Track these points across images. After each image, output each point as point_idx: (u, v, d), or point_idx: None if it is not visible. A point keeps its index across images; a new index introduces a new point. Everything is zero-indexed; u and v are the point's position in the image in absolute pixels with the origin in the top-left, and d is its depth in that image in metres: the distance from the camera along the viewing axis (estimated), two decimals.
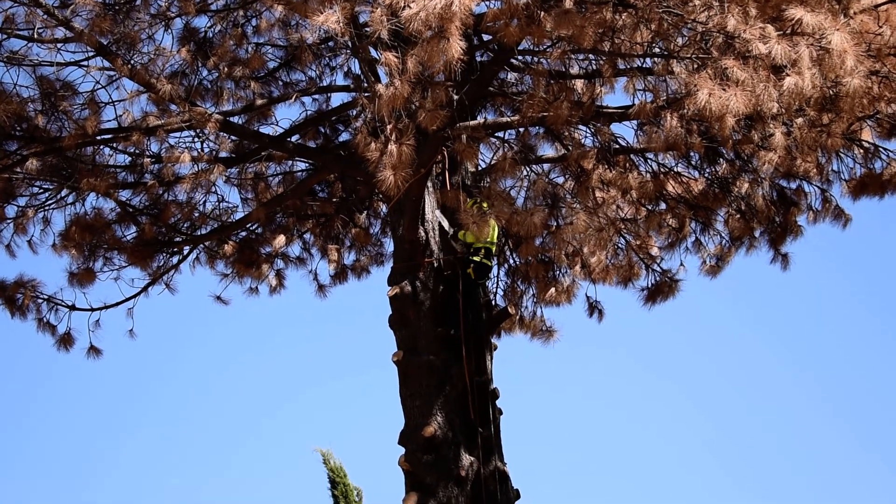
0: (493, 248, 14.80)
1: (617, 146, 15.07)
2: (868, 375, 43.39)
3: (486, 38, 14.97)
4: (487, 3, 12.97)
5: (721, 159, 15.65)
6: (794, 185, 15.90)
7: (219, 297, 19.21)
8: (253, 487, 42.64)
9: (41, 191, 16.24)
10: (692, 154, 15.35)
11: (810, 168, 14.77)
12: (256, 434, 45.93)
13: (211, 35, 15.68)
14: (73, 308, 17.11)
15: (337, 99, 17.44)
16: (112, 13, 14.02)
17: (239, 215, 17.86)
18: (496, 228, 14.59)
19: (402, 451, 13.66)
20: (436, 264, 14.57)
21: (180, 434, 46.58)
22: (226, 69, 15.78)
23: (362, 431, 42.30)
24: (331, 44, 16.62)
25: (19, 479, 43.31)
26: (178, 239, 17.55)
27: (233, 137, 16.30)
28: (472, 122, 13.63)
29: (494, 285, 17.94)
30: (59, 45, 14.12)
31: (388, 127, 11.89)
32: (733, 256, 17.18)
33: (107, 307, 17.44)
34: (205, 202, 17.58)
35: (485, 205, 14.38)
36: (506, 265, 18.44)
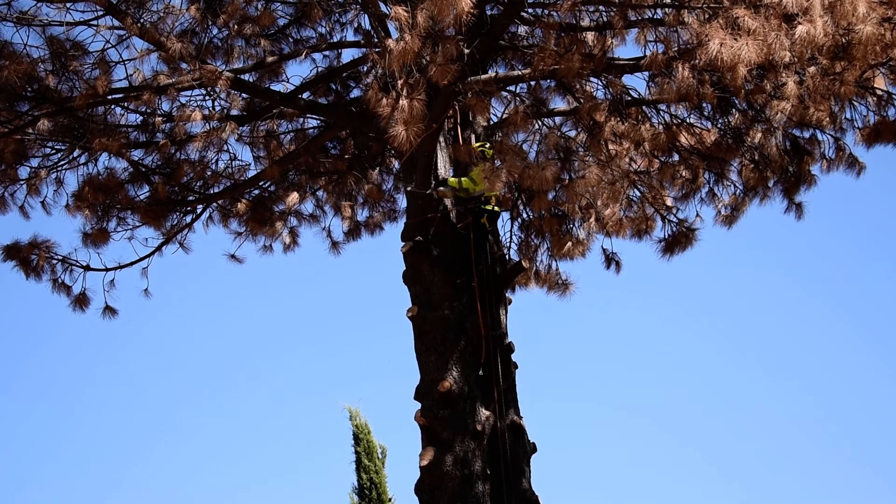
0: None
1: (629, 98, 15.00)
2: (883, 322, 43.36)
3: None
4: None
5: (733, 109, 15.56)
6: (807, 134, 15.82)
7: (233, 256, 19.27)
8: (273, 448, 42.97)
9: (53, 151, 16.27)
10: (704, 105, 15.28)
11: (823, 117, 14.68)
12: (274, 392, 46.21)
13: None
14: (87, 268, 17.17)
15: (347, 55, 17.44)
16: None
17: (251, 173, 17.90)
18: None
19: (420, 406, 13.71)
20: (455, 218, 14.58)
21: (197, 390, 46.88)
22: (236, 27, 15.73)
23: (386, 388, 42.54)
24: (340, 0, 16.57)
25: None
26: (191, 198, 17.58)
27: (244, 95, 16.28)
28: (483, 77, 13.60)
29: (508, 240, 17.94)
30: (68, 5, 14.09)
31: (399, 82, 11.88)
32: (748, 206, 17.14)
33: (121, 267, 17.50)
34: (217, 161, 17.62)
35: (487, 148, 14.38)
36: (519, 219, 18.42)
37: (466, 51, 12.47)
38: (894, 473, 39.16)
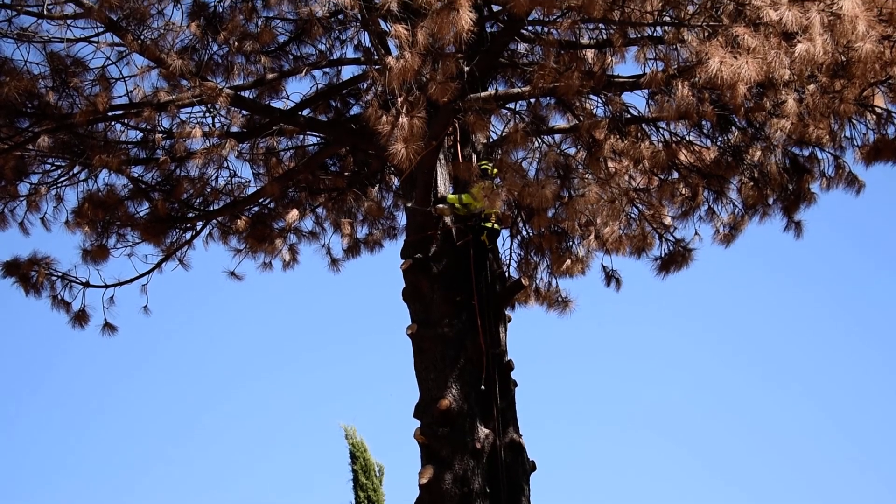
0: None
1: (628, 116, 15.03)
2: (883, 340, 43.33)
3: (495, 8, 14.91)
4: None
5: (733, 127, 15.58)
6: (806, 152, 15.83)
7: (233, 273, 19.28)
8: (271, 464, 42.92)
9: (53, 168, 16.29)
10: (704, 122, 15.30)
11: (823, 135, 14.69)
12: (272, 411, 46.15)
13: (220, 9, 15.65)
14: (87, 285, 17.18)
15: (347, 72, 17.41)
16: None
17: (251, 190, 17.90)
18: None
19: (419, 424, 13.69)
20: (455, 235, 14.57)
21: (196, 409, 46.83)
22: (236, 44, 15.74)
23: (385, 406, 42.51)
24: (340, 17, 16.57)
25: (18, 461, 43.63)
26: (190, 215, 17.57)
27: (244, 112, 16.30)
28: (482, 94, 13.63)
29: (508, 257, 17.94)
30: (68, 22, 14.09)
31: (399, 100, 11.89)
32: (747, 224, 17.15)
33: (121, 284, 17.51)
34: (217, 177, 17.62)
35: (489, 166, 14.39)
36: (519, 237, 18.42)
37: (466, 68, 12.47)
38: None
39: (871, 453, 41.14)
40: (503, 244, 17.70)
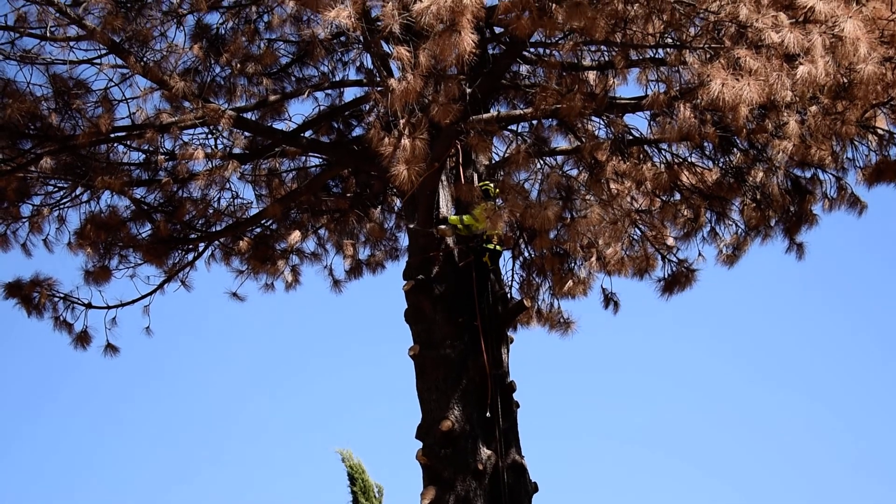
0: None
1: (630, 137, 15.03)
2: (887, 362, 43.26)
3: (497, 30, 14.94)
4: None
5: (735, 149, 15.58)
6: (808, 174, 15.82)
7: (235, 294, 19.26)
8: (271, 486, 42.81)
9: (56, 189, 16.29)
10: (706, 144, 15.29)
11: (825, 156, 14.68)
12: (273, 432, 46.05)
13: (223, 31, 15.70)
14: (89, 306, 17.15)
15: (350, 94, 17.45)
16: (124, 11, 14.02)
17: (253, 211, 17.89)
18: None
19: (421, 445, 13.67)
20: (457, 256, 14.57)
21: (196, 432, 46.72)
22: (238, 65, 15.80)
23: (384, 428, 42.42)
24: (343, 39, 16.62)
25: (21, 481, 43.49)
26: (192, 236, 17.58)
27: (246, 134, 16.32)
28: (485, 116, 13.64)
29: (510, 278, 17.92)
30: (71, 44, 14.13)
31: (402, 121, 11.91)
32: (749, 246, 17.13)
33: (123, 305, 17.48)
34: (219, 199, 17.62)
35: (490, 186, 14.40)
36: (521, 258, 18.41)
37: (468, 90, 12.50)
38: None
39: (871, 456, 41.10)
40: (505, 265, 17.69)
